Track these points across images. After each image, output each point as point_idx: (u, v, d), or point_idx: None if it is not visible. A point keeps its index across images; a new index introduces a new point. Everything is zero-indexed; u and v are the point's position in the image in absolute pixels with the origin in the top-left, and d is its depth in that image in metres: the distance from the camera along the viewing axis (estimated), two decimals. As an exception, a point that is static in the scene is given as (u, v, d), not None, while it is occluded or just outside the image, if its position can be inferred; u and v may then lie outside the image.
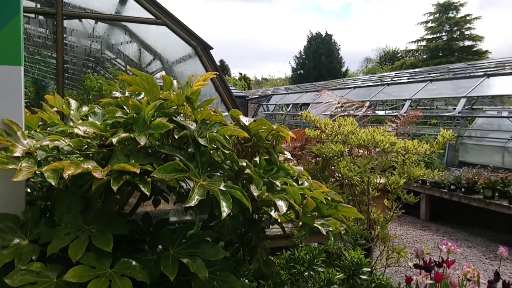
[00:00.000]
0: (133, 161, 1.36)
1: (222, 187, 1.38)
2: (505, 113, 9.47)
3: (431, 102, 11.45)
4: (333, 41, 33.63)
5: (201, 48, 3.30)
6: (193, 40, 3.34)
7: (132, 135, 1.42)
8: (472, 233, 6.33)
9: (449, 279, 2.48)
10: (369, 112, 8.54)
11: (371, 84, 12.58)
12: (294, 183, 1.78)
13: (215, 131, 1.52)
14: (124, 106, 1.76)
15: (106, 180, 1.31)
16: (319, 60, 32.25)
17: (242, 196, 1.36)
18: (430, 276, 2.47)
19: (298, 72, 34.55)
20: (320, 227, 1.61)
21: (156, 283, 1.47)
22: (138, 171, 1.32)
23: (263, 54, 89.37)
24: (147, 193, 1.33)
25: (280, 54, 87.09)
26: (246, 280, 2.19)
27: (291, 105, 15.70)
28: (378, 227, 3.19)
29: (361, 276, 2.21)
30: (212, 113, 1.63)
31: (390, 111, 10.97)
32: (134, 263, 1.40)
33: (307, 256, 2.19)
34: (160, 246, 1.63)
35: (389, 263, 3.16)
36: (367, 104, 10.68)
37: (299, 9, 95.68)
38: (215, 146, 1.61)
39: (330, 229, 1.63)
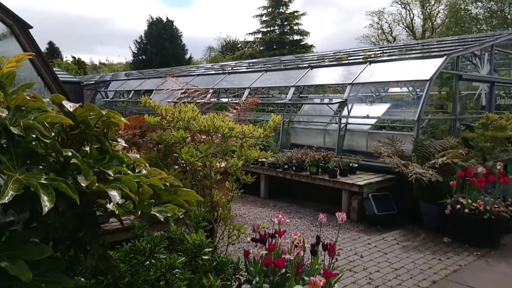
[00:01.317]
0: None
1: (43, 180, 1.25)
2: (326, 100, 10.96)
3: (267, 91, 12.44)
4: (175, 27, 33.32)
5: (18, 27, 2.87)
6: (8, 18, 2.88)
7: None
8: (302, 206, 7.18)
9: (280, 247, 2.77)
10: (212, 99, 8.80)
11: (213, 72, 12.94)
12: (130, 172, 1.73)
13: (32, 118, 1.36)
14: None
15: None
16: (162, 46, 31.60)
17: (68, 188, 1.26)
18: (265, 247, 2.72)
19: (140, 57, 33.24)
20: (157, 214, 1.60)
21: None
22: None
23: (100, 36, 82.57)
24: None
25: (118, 38, 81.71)
26: (82, 279, 2.05)
27: (132, 92, 15.03)
28: (221, 208, 3.36)
29: (203, 257, 2.30)
30: (29, 98, 1.45)
31: (233, 99, 11.51)
32: None
33: (149, 245, 2.17)
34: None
35: (231, 241, 3.37)
36: (211, 91, 10.98)
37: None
38: (35, 136, 1.44)
39: (169, 215, 1.64)
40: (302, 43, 32.50)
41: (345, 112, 7.83)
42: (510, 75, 9.58)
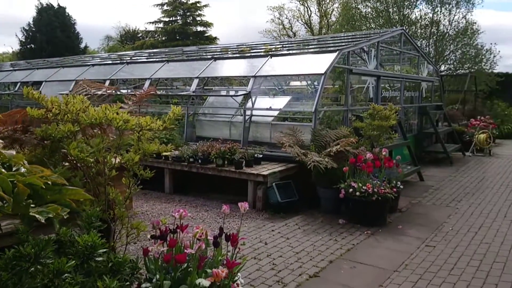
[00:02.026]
0: None
1: None
2: (231, 92, 11.04)
3: (171, 82, 12.12)
4: (67, 14, 30.69)
5: None
6: None
7: None
8: (209, 198, 7.16)
9: (182, 242, 2.72)
10: (109, 91, 8.31)
11: (110, 62, 12.20)
12: (4, 170, 1.54)
13: None
14: None
15: None
16: (54, 34, 28.88)
17: None
18: (166, 243, 2.65)
19: (28, 46, 30.02)
20: (37, 215, 1.45)
21: None
22: None
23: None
24: None
25: (3, 25, 72.50)
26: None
27: (19, 84, 13.54)
28: (118, 206, 3.18)
29: (97, 259, 2.15)
30: None
31: (133, 90, 10.99)
32: None
33: (33, 249, 1.96)
34: None
35: (130, 240, 3.22)
36: (108, 82, 10.36)
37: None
38: None
39: (51, 215, 1.50)
40: (206, 34, 32.29)
41: (249, 104, 7.97)
42: (394, 70, 10.64)
